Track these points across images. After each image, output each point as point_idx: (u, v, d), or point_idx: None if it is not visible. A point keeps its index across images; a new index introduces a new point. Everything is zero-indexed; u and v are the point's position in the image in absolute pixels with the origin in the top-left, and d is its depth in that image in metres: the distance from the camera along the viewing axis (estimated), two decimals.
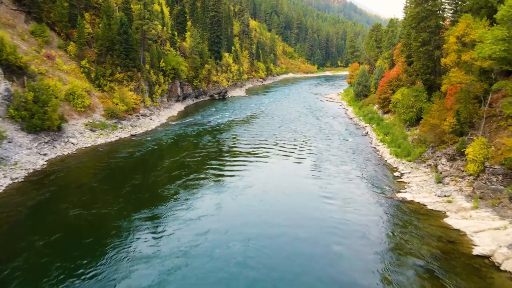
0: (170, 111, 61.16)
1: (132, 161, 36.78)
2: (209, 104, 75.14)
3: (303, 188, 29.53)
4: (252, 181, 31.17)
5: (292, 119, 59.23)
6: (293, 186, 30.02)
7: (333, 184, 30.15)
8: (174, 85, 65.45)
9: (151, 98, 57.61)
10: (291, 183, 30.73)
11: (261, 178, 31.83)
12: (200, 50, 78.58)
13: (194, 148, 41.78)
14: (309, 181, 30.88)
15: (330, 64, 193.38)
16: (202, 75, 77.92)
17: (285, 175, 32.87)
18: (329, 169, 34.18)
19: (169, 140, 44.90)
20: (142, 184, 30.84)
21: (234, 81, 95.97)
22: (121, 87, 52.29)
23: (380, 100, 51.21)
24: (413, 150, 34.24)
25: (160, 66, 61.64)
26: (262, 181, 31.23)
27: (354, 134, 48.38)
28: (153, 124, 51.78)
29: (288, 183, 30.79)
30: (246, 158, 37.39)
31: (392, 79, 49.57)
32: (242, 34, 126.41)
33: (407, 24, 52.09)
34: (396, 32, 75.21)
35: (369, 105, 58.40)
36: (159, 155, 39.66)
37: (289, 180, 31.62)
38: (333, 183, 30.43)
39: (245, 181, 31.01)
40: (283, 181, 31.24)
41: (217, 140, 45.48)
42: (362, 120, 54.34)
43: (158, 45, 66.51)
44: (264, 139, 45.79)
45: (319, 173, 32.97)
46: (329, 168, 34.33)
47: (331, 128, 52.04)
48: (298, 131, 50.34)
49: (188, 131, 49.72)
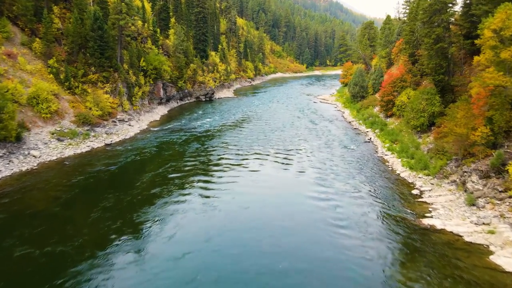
0: (152, 115, 55.64)
1: (104, 177, 31.36)
2: (195, 106, 69.78)
3: (309, 213, 24.69)
4: (246, 202, 26.26)
5: (286, 123, 54.46)
6: (297, 210, 25.15)
7: (342, 205, 25.45)
8: (156, 87, 59.91)
9: (130, 101, 52.00)
10: (294, 205, 25.86)
11: (258, 199, 26.92)
12: (185, 49, 73.09)
13: (178, 159, 36.57)
14: (315, 202, 26.08)
15: (319, 63, 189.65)
16: (187, 76, 72.46)
17: (286, 195, 28.01)
18: (335, 184, 29.51)
19: (150, 150, 39.53)
20: (115, 207, 25.58)
21: (221, 82, 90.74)
22: (95, 89, 46.56)
23: (382, 103, 46.91)
24: (430, 162, 29.84)
25: (141, 65, 56.04)
26: (259, 202, 26.35)
27: (356, 140, 43.91)
28: (132, 130, 46.22)
29: (290, 206, 25.87)
30: (238, 173, 32.38)
31: (396, 80, 45.30)
32: (229, 32, 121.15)
33: (412, 18, 48.10)
34: (393, 29, 71.30)
35: (368, 107, 54.13)
36: (137, 169, 34.31)
37: (291, 200, 26.77)
38: (342, 203, 25.74)
39: (238, 203, 26.07)
40: (284, 203, 26.36)
41: (205, 149, 40.34)
42: (362, 125, 49.96)
43: (138, 42, 60.87)
44: (257, 147, 40.88)
45: (324, 190, 28.24)
46: (335, 183, 29.67)
47: (329, 134, 47.47)
48: (294, 137, 45.63)
49: (172, 139, 44.41)
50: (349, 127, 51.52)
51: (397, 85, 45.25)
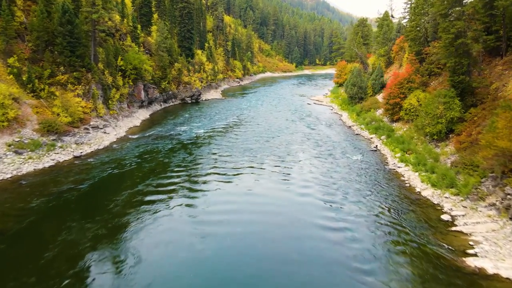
0: (132, 120, 50.01)
1: (70, 199, 25.90)
2: (180, 109, 64.30)
3: (321, 251, 19.75)
4: (242, 236, 21.22)
5: (280, 128, 49.61)
6: (305, 247, 20.10)
7: (360, 237, 20.67)
8: (136, 88, 54.26)
9: (106, 105, 46.30)
10: (301, 240, 20.86)
11: (256, 230, 21.93)
12: (169, 47, 67.44)
13: (161, 173, 31.31)
14: (326, 234, 21.23)
15: (309, 62, 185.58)
16: (171, 76, 66.87)
17: (289, 223, 22.92)
18: (345, 206, 24.77)
19: (128, 162, 34.10)
20: (76, 242, 20.26)
21: (208, 82, 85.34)
22: (64, 92, 40.75)
23: (388, 106, 42.47)
24: (457, 178, 25.34)
25: (118, 65, 50.35)
26: (257, 236, 21.35)
27: (360, 148, 39.33)
28: (107, 139, 40.60)
29: (296, 241, 20.82)
30: (230, 193, 27.33)
31: (403, 81, 40.91)
32: (216, 30, 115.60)
33: (418, 13, 43.81)
34: (392, 26, 67.18)
35: (370, 110, 49.69)
36: (111, 187, 28.96)
37: (296, 232, 21.77)
38: (359, 234, 20.98)
39: (232, 237, 21.01)
40: (288, 237, 21.34)
41: (192, 160, 35.16)
42: (364, 130, 45.44)
43: (116, 39, 55.10)
44: (251, 157, 35.91)
45: (335, 215, 23.45)
46: (345, 205, 24.93)
47: (329, 140, 42.81)
48: (291, 145, 40.83)
49: (154, 148, 39.02)
50: (350, 132, 46.94)
51: (404, 86, 40.86)
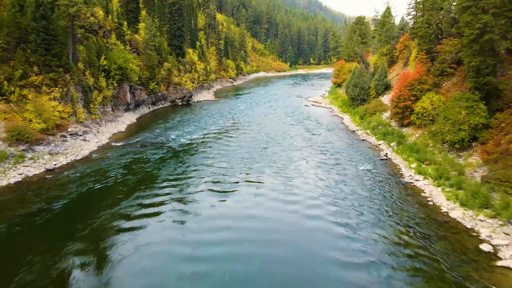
0: (116, 125, 45.69)
1: (33, 225, 21.73)
2: (170, 112, 60.09)
3: None
4: (243, 273, 17.29)
5: (278, 132, 45.79)
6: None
7: (386, 277, 16.89)
8: (121, 90, 49.94)
9: (87, 108, 41.96)
10: (315, 281, 17.00)
11: (260, 266, 17.95)
12: (157, 45, 63.21)
13: (147, 189, 27.23)
14: (348, 274, 17.37)
15: (303, 61, 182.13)
16: (161, 76, 62.61)
17: (299, 258, 18.88)
18: (363, 230, 21.03)
19: (109, 175, 29.97)
20: (36, 285, 16.21)
21: (200, 82, 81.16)
22: (38, 95, 36.38)
23: (397, 109, 38.86)
24: (492, 197, 21.74)
25: (101, 64, 45.98)
26: (262, 274, 17.39)
27: (368, 156, 35.67)
28: (87, 147, 36.33)
29: (310, 283, 16.94)
30: (226, 209, 23.39)
31: (414, 82, 37.35)
32: (208, 28, 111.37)
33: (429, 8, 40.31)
34: (393, 23, 63.74)
35: (375, 113, 46.09)
36: (87, 206, 24.86)
37: (309, 269, 17.85)
38: (384, 271, 17.20)
39: (230, 275, 17.07)
40: (298, 278, 17.46)
41: (183, 172, 31.15)
42: (371, 135, 41.82)
43: (100, 37, 50.71)
44: (248, 166, 32.08)
45: (354, 244, 19.64)
46: (362, 229, 21.20)
47: (333, 147, 39.11)
48: (291, 151, 37.12)
49: (140, 157, 34.91)
50: (354, 138, 43.25)
51: (415, 88, 37.31)
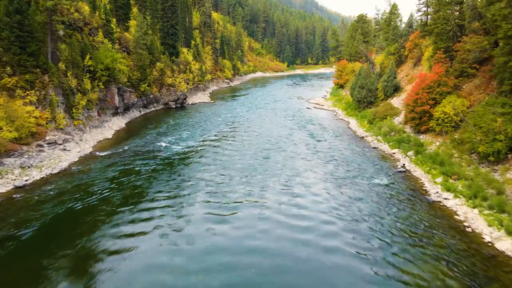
0: (102, 132, 41.51)
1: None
2: (163, 115, 55.97)
3: None
4: None
5: (280, 139, 41.90)
6: None
7: None
8: (109, 92, 45.73)
9: (69, 113, 37.80)
10: None
11: None
12: (149, 44, 59.02)
13: (133, 210, 23.29)
14: None
15: (300, 61, 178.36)
16: (153, 77, 58.45)
17: None
18: (393, 267, 17.26)
19: (90, 191, 26.00)
20: None
21: (195, 83, 77.02)
22: (10, 99, 32.18)
23: (413, 114, 35.06)
24: None
25: (86, 64, 41.79)
26: None
27: (383, 168, 31.84)
28: (66, 158, 32.16)
29: None
30: (227, 240, 19.43)
31: (432, 84, 33.60)
32: (203, 27, 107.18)
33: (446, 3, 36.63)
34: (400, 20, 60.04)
35: (386, 118, 42.32)
36: (62, 232, 20.98)
37: None
38: None
39: None
40: None
41: (177, 187, 27.24)
42: (383, 142, 38.03)
43: (85, 35, 46.49)
44: (250, 180, 28.27)
45: None
46: (391, 265, 17.43)
47: (342, 156, 35.29)
48: (295, 161, 33.57)
49: (127, 168, 30.86)
50: (365, 145, 39.41)
51: (434, 91, 33.57)
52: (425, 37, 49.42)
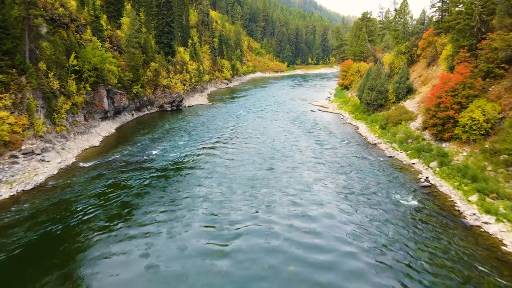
0: (89, 139, 37.67)
1: None
2: (157, 119, 52.16)
3: None
4: None
5: (285, 146, 38.19)
6: None
7: None
8: (97, 95, 41.89)
9: (50, 119, 33.98)
10: None
11: None
12: (143, 42, 55.27)
13: (116, 238, 19.54)
14: None
15: (300, 61, 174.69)
16: (146, 78, 54.64)
17: None
18: None
19: (68, 212, 22.37)
20: None
21: (192, 84, 73.21)
22: None
23: (435, 120, 31.35)
24: None
25: (71, 64, 37.96)
26: None
27: (404, 181, 28.12)
28: (44, 171, 28.32)
29: None
30: (230, 285, 15.73)
31: (458, 86, 29.93)
32: (201, 25, 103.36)
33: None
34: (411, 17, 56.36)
35: (400, 123, 38.63)
36: (33, 265, 17.12)
37: None
38: None
39: None
40: None
41: (170, 205, 23.63)
42: (399, 150, 34.32)
43: (72, 32, 42.66)
44: (254, 196, 24.46)
45: None
46: None
47: (354, 166, 31.61)
48: (303, 172, 30.15)
49: (113, 184, 27.07)
50: (379, 153, 35.70)
51: (459, 94, 29.89)
52: (440, 35, 45.84)
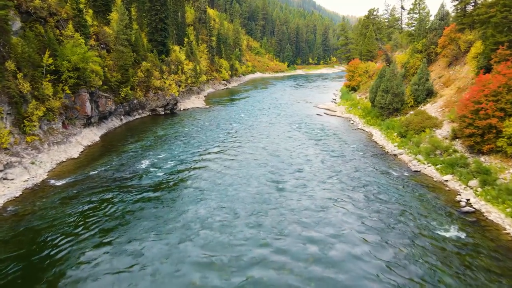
0: (67, 149, 32.75)
1: None
2: (150, 124, 47.27)
3: None
4: None
5: (292, 155, 33.43)
6: None
7: None
8: (78, 98, 36.99)
9: (19, 127, 29.04)
10: None
11: None
12: (134, 40, 50.43)
13: (93, 282, 14.79)
14: None
15: (301, 61, 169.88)
16: (137, 79, 49.76)
17: None
18: None
19: (28, 249, 17.49)
20: None
21: (188, 86, 68.32)
22: None
23: (471, 130, 26.57)
24: None
25: (46, 63, 33.07)
26: None
27: (439, 205, 23.31)
28: (3, 193, 23.38)
29: None
30: None
31: (500, 90, 25.19)
32: (197, 23, 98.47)
33: None
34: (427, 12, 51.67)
35: (424, 130, 33.87)
36: None
37: None
38: None
39: None
40: None
41: (161, 231, 18.88)
42: (426, 164, 29.54)
43: (51, 27, 37.78)
44: (261, 223, 19.77)
45: None
46: None
47: (374, 182, 26.84)
48: (317, 190, 25.16)
49: (89, 210, 22.22)
50: (401, 167, 30.82)
51: (503, 99, 25.16)
52: (463, 31, 41.15)
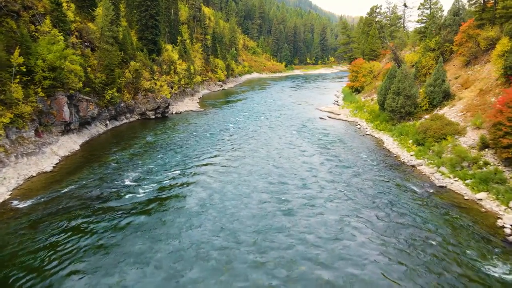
0: (39, 161, 28.54)
1: None
2: (138, 130, 43.14)
3: None
4: None
5: (295, 167, 29.54)
6: None
7: None
8: (55, 102, 32.79)
9: None
10: None
11: None
12: (121, 38, 46.29)
13: None
14: None
15: (299, 61, 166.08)
16: (125, 80, 45.58)
17: None
18: None
19: None
20: None
21: (181, 87, 64.16)
22: None
23: (509, 140, 22.77)
24: None
25: (15, 63, 28.87)
26: None
27: (474, 232, 19.48)
28: None
29: None
30: None
31: None
32: (192, 21, 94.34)
33: None
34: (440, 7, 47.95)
35: (445, 138, 30.05)
36: None
37: None
38: None
39: None
40: None
41: (146, 264, 14.94)
42: (452, 178, 25.71)
43: (25, 22, 33.62)
44: (266, 254, 15.72)
45: None
46: None
47: (393, 202, 23.07)
48: (328, 211, 21.43)
49: (61, 237, 18.21)
50: (423, 181, 26.91)
51: None
52: (483, 27, 37.48)
